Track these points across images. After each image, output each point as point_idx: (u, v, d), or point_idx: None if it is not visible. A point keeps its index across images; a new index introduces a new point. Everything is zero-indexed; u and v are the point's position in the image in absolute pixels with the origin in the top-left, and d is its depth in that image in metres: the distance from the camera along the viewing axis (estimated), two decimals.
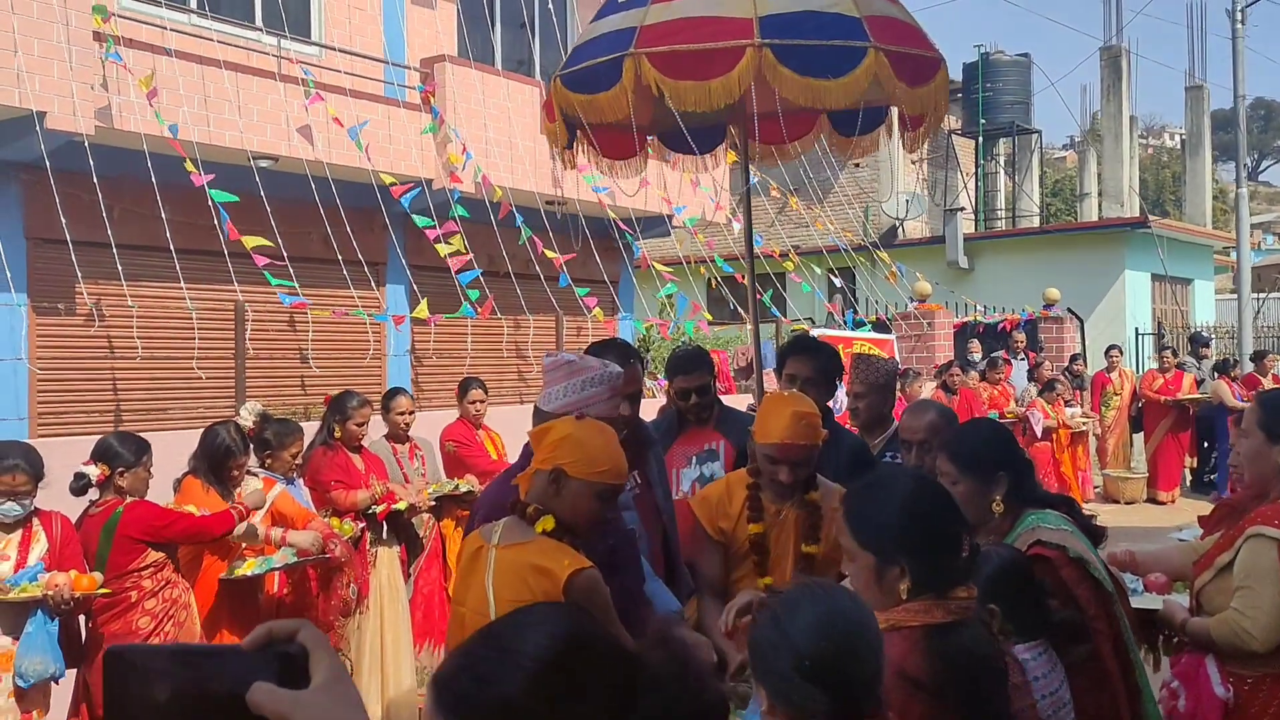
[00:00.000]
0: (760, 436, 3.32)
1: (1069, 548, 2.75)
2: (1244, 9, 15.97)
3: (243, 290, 8.24)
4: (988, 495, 2.86)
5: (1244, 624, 3.07)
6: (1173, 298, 19.50)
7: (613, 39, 4.01)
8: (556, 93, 4.30)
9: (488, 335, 11.09)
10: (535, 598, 2.58)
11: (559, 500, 2.76)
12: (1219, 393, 12.76)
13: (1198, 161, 24.26)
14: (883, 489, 2.45)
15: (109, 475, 4.51)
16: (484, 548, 2.81)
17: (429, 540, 6.29)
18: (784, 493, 3.36)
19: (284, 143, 9.24)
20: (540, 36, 12.52)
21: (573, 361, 3.25)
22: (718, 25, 3.81)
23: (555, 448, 2.77)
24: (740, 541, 3.40)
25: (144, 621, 4.51)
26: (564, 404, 3.13)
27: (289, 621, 1.10)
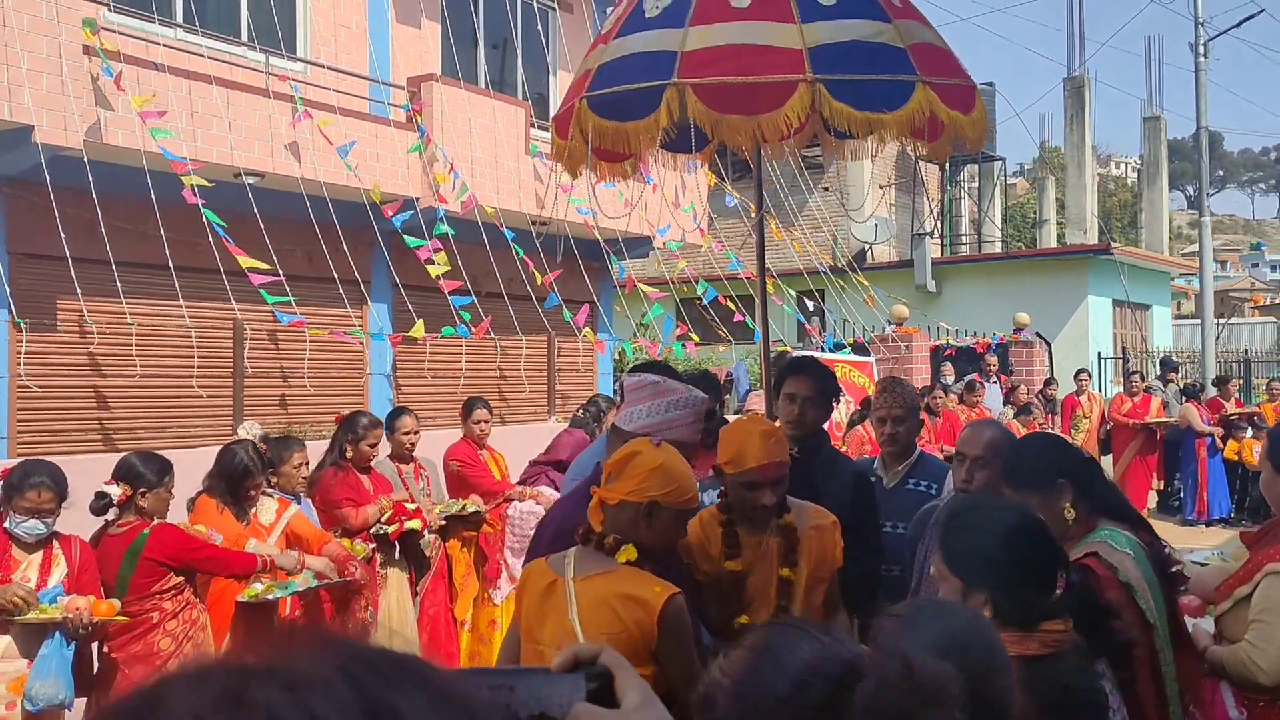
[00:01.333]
0: (735, 465, 3.19)
1: (1120, 570, 2.78)
2: (1205, 43, 16.40)
3: (238, 308, 8.15)
4: (1056, 505, 2.88)
5: (1254, 656, 3.14)
6: (1133, 323, 19.88)
7: (650, 63, 3.79)
8: (581, 114, 4.05)
9: (470, 355, 11.05)
10: (628, 628, 2.57)
11: (649, 531, 2.69)
12: (1187, 416, 13.02)
13: (1155, 190, 24.81)
14: (983, 517, 2.45)
15: (130, 495, 4.43)
16: (558, 581, 2.71)
17: (435, 560, 6.24)
18: (760, 523, 3.26)
19: (271, 159, 9.16)
20: (524, 57, 12.55)
21: (658, 383, 3.20)
22: (766, 56, 3.66)
23: (646, 479, 2.68)
24: (724, 581, 3.31)
25: (165, 643, 4.44)
26: (646, 424, 3.09)
27: (591, 644, 1.09)
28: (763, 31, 3.71)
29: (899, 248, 20.83)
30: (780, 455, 3.19)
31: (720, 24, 3.75)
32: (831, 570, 3.36)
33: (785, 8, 3.69)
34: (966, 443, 3.70)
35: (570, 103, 4.02)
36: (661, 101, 3.71)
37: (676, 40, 3.80)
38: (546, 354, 11.83)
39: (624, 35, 4.00)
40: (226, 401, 8.09)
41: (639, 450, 2.76)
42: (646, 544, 2.70)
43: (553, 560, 2.80)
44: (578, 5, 13.10)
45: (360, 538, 5.65)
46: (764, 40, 3.69)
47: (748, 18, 3.72)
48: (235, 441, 5.17)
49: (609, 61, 4.01)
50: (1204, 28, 16.57)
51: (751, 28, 3.73)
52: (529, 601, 2.79)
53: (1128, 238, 33.30)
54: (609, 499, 2.73)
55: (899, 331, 13.69)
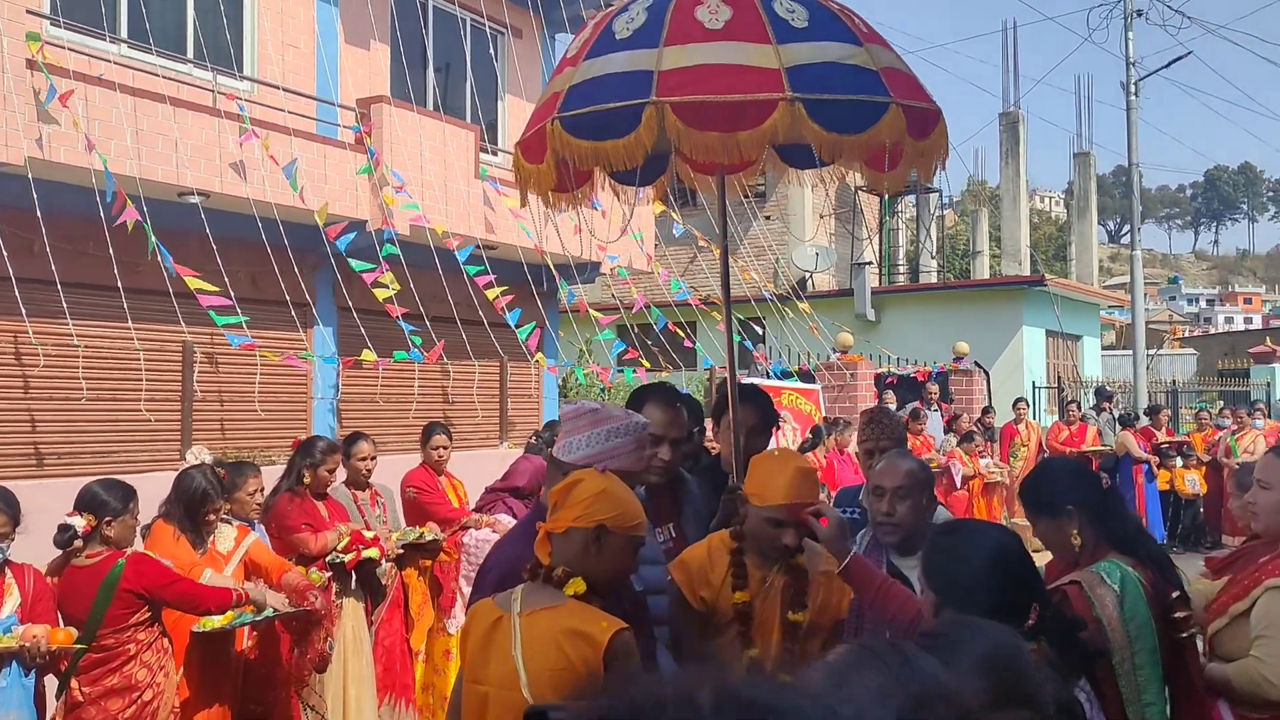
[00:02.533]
0: (762, 499, 3.16)
1: (1097, 605, 2.82)
2: (1136, 82, 16.89)
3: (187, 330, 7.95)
4: (1064, 531, 2.92)
5: (1264, 672, 3.17)
6: (1065, 353, 20.31)
7: (626, 82, 3.71)
8: (554, 135, 3.92)
9: (419, 380, 10.91)
10: (573, 665, 2.48)
11: (598, 559, 2.62)
12: (1126, 444, 13.29)
13: (1085, 223, 25.45)
14: (966, 542, 2.48)
15: (96, 526, 4.28)
16: (504, 617, 2.62)
17: (391, 589, 6.10)
18: (770, 557, 3.22)
19: (219, 179, 8.99)
20: (473, 81, 12.50)
21: (596, 410, 3.10)
22: (744, 75, 3.61)
23: (592, 504, 2.62)
24: (724, 610, 3.23)
25: (142, 674, 4.36)
26: (586, 455, 2.98)
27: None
28: (740, 51, 3.67)
29: (838, 276, 21.07)
30: (810, 496, 3.16)
31: (696, 44, 3.69)
32: (833, 620, 3.31)
33: (760, 29, 3.66)
34: (884, 475, 3.60)
35: (539, 125, 3.90)
36: (641, 120, 3.65)
37: (652, 60, 3.74)
38: (499, 379, 11.71)
39: (594, 57, 3.91)
40: (174, 426, 7.86)
41: (580, 477, 2.70)
42: (596, 574, 2.63)
43: (499, 598, 2.70)
44: (528, 31, 13.10)
45: (316, 566, 5.51)
46: (741, 60, 3.66)
47: (723, 38, 3.68)
48: (193, 466, 5.02)
49: (580, 83, 3.90)
50: (1135, 68, 17.10)
51: (728, 48, 3.69)
52: (473, 642, 2.69)
53: (1053, 270, 34.10)
54: (555, 529, 2.66)
55: (844, 359, 13.82)
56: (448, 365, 10.36)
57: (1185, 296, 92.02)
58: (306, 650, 5.01)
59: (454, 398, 11.46)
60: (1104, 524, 2.98)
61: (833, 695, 1.09)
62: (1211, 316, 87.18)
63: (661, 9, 3.74)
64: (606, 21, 3.91)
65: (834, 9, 3.77)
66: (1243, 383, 20.75)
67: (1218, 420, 14.95)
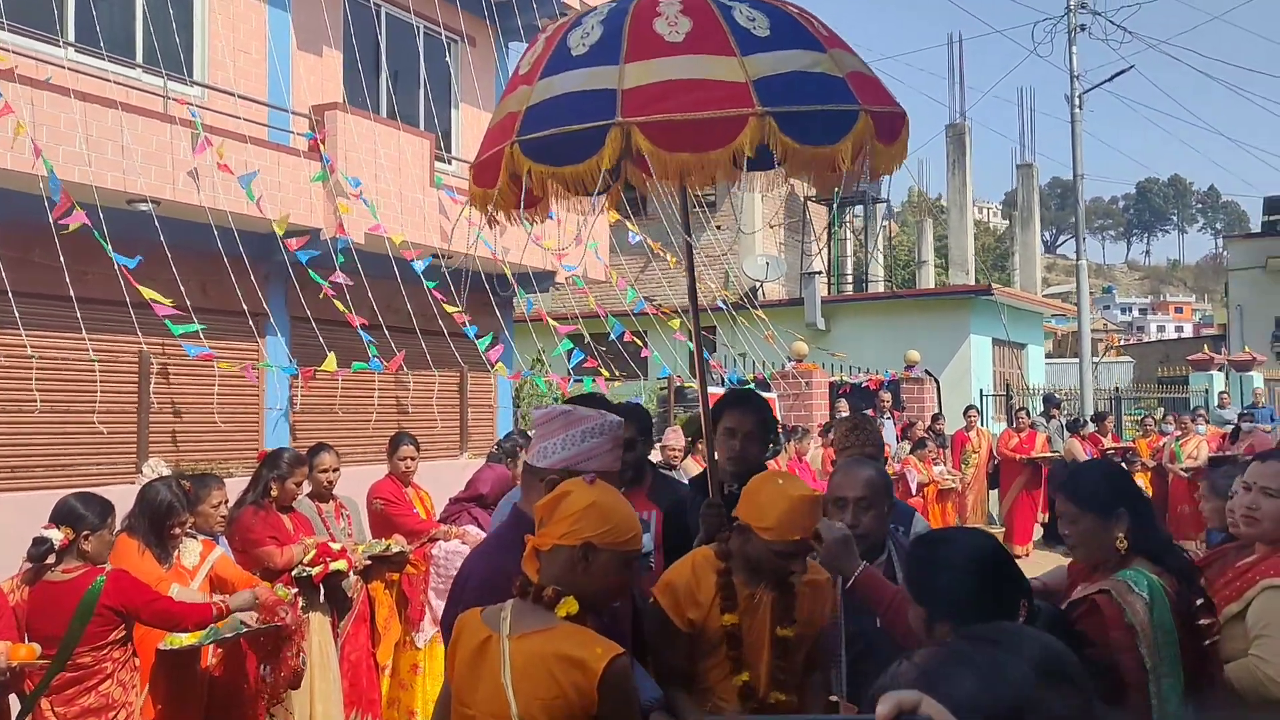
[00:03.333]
0: (771, 534, 3.02)
1: (1128, 611, 2.81)
2: (1080, 95, 17.22)
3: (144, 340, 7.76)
4: (1110, 532, 2.90)
5: (1268, 670, 3.19)
6: (1012, 361, 20.61)
7: (587, 102, 3.52)
8: (513, 159, 3.68)
9: (368, 391, 10.78)
10: (565, 692, 2.38)
11: (586, 577, 2.50)
12: (1073, 450, 13.50)
13: (1029, 234, 25.91)
14: (946, 549, 2.48)
15: (73, 539, 4.15)
16: (493, 638, 2.49)
17: (356, 603, 5.99)
18: (757, 576, 3.14)
19: (171, 186, 8.81)
20: (426, 90, 12.40)
21: (569, 412, 2.96)
22: (711, 90, 3.44)
23: (579, 519, 2.49)
24: (713, 631, 3.13)
25: (118, 692, 4.25)
26: (564, 457, 2.86)
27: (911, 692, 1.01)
28: (704, 65, 3.51)
29: (788, 286, 21.20)
30: (816, 522, 3.08)
31: (658, 59, 3.52)
32: (817, 628, 3.26)
33: (722, 40, 3.52)
34: (843, 485, 3.52)
35: (496, 148, 3.69)
36: (605, 141, 3.46)
37: (613, 78, 3.56)
38: (458, 389, 11.60)
39: (551, 75, 3.72)
40: (130, 438, 7.67)
41: (569, 490, 2.57)
42: (586, 592, 2.51)
43: (487, 614, 2.56)
44: (482, 39, 13.03)
45: (282, 580, 5.39)
46: (706, 74, 3.49)
47: (684, 52, 3.53)
48: (157, 478, 4.89)
49: (538, 104, 3.71)
50: (1079, 81, 17.45)
51: (691, 62, 3.52)
52: (461, 659, 2.55)
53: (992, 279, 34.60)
54: (541, 545, 2.53)
55: (799, 368, 13.89)
56: (408, 375, 10.24)
57: (1119, 306, 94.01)
58: (279, 668, 4.88)
59: (412, 408, 11.33)
60: (1141, 531, 2.96)
61: None
62: (1144, 325, 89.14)
63: (617, 23, 3.58)
64: (560, 36, 3.73)
65: (793, 14, 3.64)
66: (1182, 389, 21.21)
67: (1161, 426, 15.24)
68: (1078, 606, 2.86)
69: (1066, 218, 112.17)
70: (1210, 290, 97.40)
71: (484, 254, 11.23)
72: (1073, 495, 2.98)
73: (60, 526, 4.14)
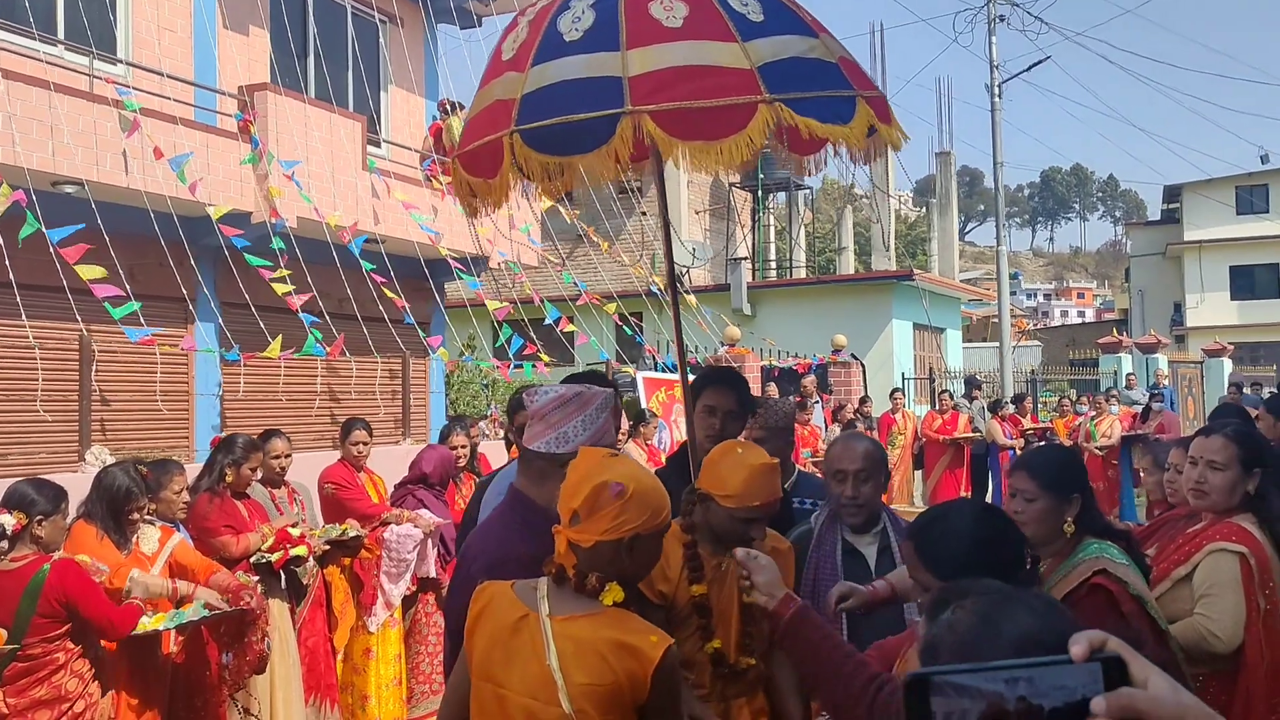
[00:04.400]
0: (732, 501, 3.06)
1: (1130, 584, 2.92)
2: (1000, 85, 17.64)
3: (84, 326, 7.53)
4: (1061, 515, 3.01)
5: (1210, 627, 3.39)
6: (932, 345, 21.07)
7: (592, 90, 3.42)
8: (516, 149, 3.55)
9: (303, 377, 10.63)
10: (618, 679, 2.31)
11: (631, 564, 2.44)
12: (993, 432, 13.87)
13: (946, 220, 26.48)
14: (951, 521, 2.56)
15: (25, 525, 4.04)
16: (530, 617, 2.40)
17: (313, 589, 5.94)
18: (722, 545, 3.15)
19: (94, 167, 8.56)
20: (355, 70, 12.22)
21: (579, 394, 2.90)
22: (718, 77, 3.38)
23: (622, 512, 2.39)
24: (683, 603, 3.14)
25: (73, 684, 4.11)
26: (586, 438, 2.82)
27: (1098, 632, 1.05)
28: (707, 51, 3.45)
29: (714, 272, 21.37)
30: (778, 491, 3.12)
31: (658, 45, 3.44)
32: None
33: (721, 25, 3.45)
34: (844, 458, 3.61)
35: (488, 137, 3.56)
36: (616, 130, 3.37)
37: (616, 65, 3.46)
38: (400, 374, 11.48)
39: (545, 62, 3.59)
40: (72, 425, 7.45)
41: (605, 480, 2.42)
42: (628, 575, 2.47)
43: (521, 589, 2.46)
44: (412, 21, 12.88)
45: (241, 567, 5.32)
46: (711, 60, 3.43)
47: (685, 37, 3.45)
48: (114, 463, 4.78)
49: (535, 91, 3.58)
50: (999, 71, 17.88)
51: (694, 48, 3.46)
52: (491, 634, 2.43)
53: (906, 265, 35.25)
54: (582, 542, 2.41)
55: (731, 352, 14.03)
56: (350, 361, 10.11)
57: (1025, 291, 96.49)
58: (244, 652, 4.82)
59: (351, 393, 11.18)
60: (1088, 514, 3.07)
61: None
62: (1049, 310, 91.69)
63: (611, 7, 3.50)
64: (546, 20, 3.59)
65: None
66: (1092, 371, 21.91)
67: (1077, 407, 15.75)
68: (1073, 595, 2.92)
69: (974, 205, 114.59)
70: (1110, 276, 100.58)
71: (419, 238, 11.16)
72: (1035, 474, 3.07)
73: (12, 511, 4.02)
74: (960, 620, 1.47)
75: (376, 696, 6.39)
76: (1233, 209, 37.97)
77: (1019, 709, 0.98)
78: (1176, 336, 35.75)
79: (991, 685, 1.00)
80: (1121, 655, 1.01)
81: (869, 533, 3.54)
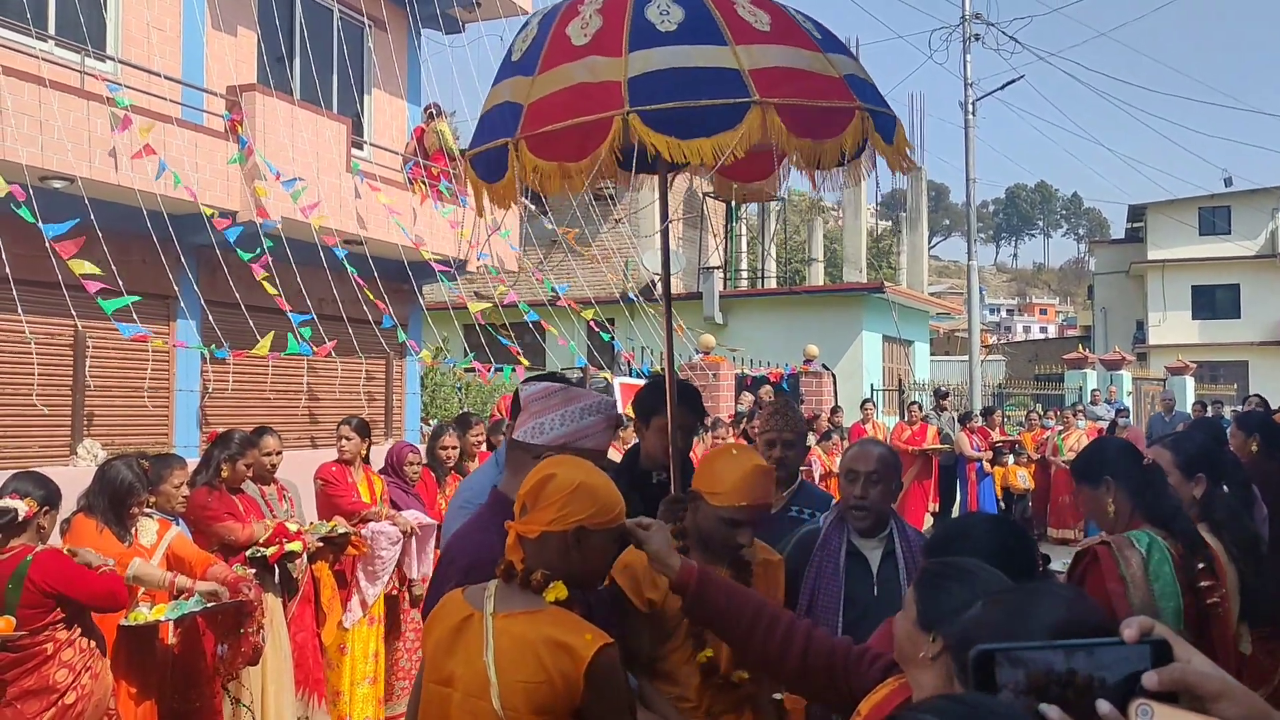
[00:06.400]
0: (720, 499, 3.04)
1: (1123, 564, 3.10)
2: (974, 102, 17.96)
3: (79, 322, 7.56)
4: (1101, 500, 3.22)
5: None
6: (901, 357, 21.36)
7: (712, 79, 3.41)
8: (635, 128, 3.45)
9: (281, 375, 10.69)
10: (551, 678, 2.27)
11: (580, 561, 2.40)
12: (961, 444, 14.13)
13: (916, 234, 26.82)
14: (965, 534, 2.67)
15: (36, 512, 4.12)
16: (475, 615, 2.38)
17: (302, 584, 6.02)
18: (718, 554, 3.12)
19: (85, 164, 8.59)
20: (340, 74, 12.29)
21: (567, 389, 2.90)
22: (816, 81, 3.40)
23: (567, 503, 2.37)
24: (673, 612, 3.02)
25: (62, 675, 4.14)
26: (561, 434, 2.79)
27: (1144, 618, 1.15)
28: (801, 57, 3.48)
29: (686, 281, 21.55)
30: (769, 495, 3.13)
31: (760, 45, 3.45)
32: None
33: (804, 35, 3.50)
34: (858, 459, 3.64)
35: (593, 116, 3.41)
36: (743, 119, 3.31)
37: (728, 58, 3.47)
38: (384, 375, 11.55)
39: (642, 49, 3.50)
40: (64, 419, 7.48)
41: (552, 472, 2.42)
42: (577, 574, 2.41)
43: (470, 593, 2.45)
44: (396, 24, 12.97)
45: (236, 561, 5.41)
46: (806, 66, 3.45)
47: (778, 41, 3.47)
48: (116, 457, 4.87)
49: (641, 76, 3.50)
50: (973, 89, 18.21)
51: (789, 52, 3.48)
52: (438, 636, 2.44)
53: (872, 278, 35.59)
54: (528, 533, 2.39)
55: (706, 360, 14.20)
56: (337, 361, 10.18)
57: (988, 306, 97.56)
58: (239, 644, 4.91)
59: (327, 393, 11.24)
60: (1141, 498, 3.22)
61: None
62: (1011, 326, 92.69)
63: (695, 4, 3.47)
64: (628, 9, 3.51)
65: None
66: (1058, 386, 22.27)
67: (1044, 421, 16.05)
68: (1083, 556, 3.14)
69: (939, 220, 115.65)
70: (1073, 293, 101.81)
71: (401, 240, 11.24)
72: (1074, 470, 3.30)
73: (24, 498, 4.09)
74: (987, 614, 1.58)
75: (349, 693, 6.42)
76: (1195, 230, 38.66)
77: (1076, 680, 1.10)
78: (1138, 354, 36.33)
79: (1051, 657, 1.12)
80: (1167, 639, 1.12)
81: (875, 537, 3.55)
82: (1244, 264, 38.03)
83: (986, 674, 1.13)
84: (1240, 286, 38.30)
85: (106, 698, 4.38)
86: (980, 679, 1.13)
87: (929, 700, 1.04)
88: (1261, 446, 5.82)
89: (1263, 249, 37.92)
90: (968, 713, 0.99)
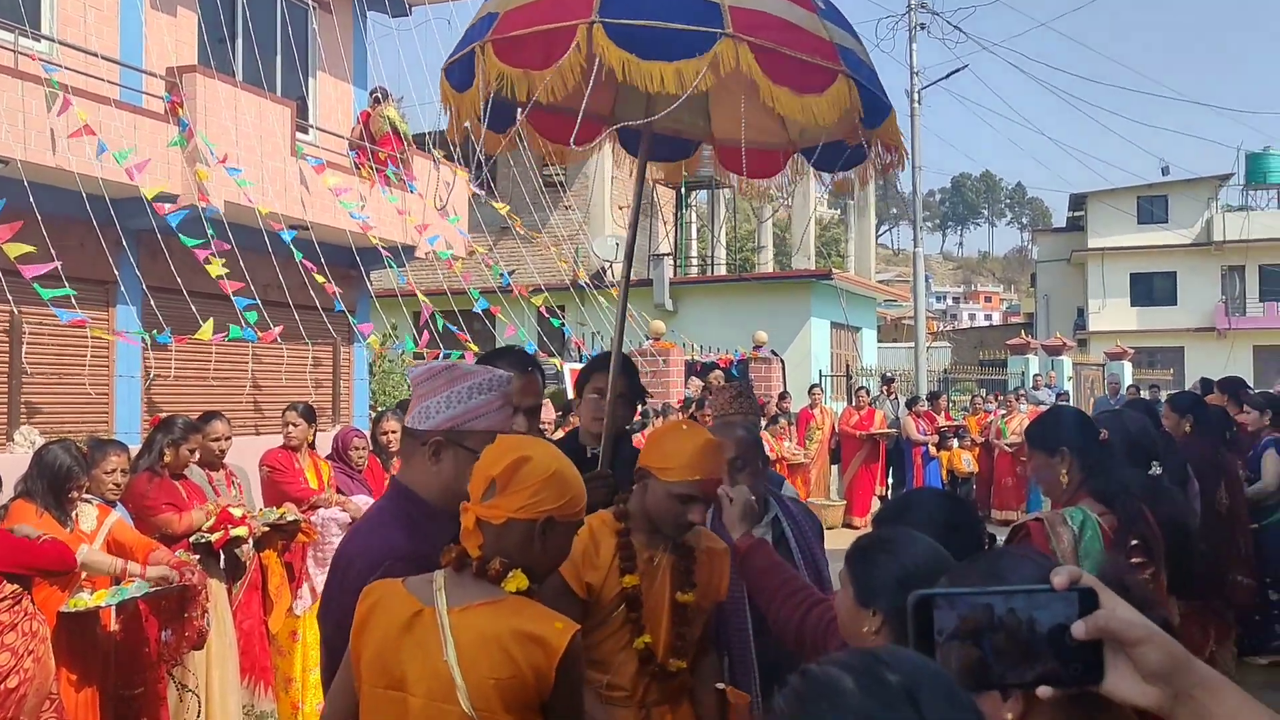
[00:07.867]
0: (671, 474, 2.92)
1: (1053, 539, 3.16)
2: (920, 91, 18.16)
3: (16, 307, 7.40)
4: (1054, 469, 3.25)
5: None
6: (849, 343, 21.55)
7: (688, 5, 3.30)
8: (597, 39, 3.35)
9: (227, 361, 10.55)
10: (521, 672, 2.13)
11: (542, 552, 2.25)
12: (908, 428, 14.30)
13: (864, 222, 27.06)
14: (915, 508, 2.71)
15: None
16: (425, 611, 2.18)
17: (249, 571, 5.96)
18: (663, 536, 3.03)
19: (20, 146, 8.40)
20: (284, 56, 12.13)
21: (452, 368, 2.62)
22: (804, 37, 3.33)
23: (540, 490, 2.21)
24: (610, 595, 2.96)
25: (4, 658, 4.07)
26: (448, 417, 2.55)
27: (1072, 567, 1.18)
28: (795, 12, 3.41)
29: (636, 267, 21.54)
30: (720, 471, 3.04)
31: None
32: (714, 601, 3.17)
33: None
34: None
35: (558, 24, 3.33)
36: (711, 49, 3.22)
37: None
38: (332, 361, 11.43)
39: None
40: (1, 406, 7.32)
41: (528, 455, 2.24)
42: (537, 566, 2.27)
43: (413, 585, 2.24)
44: (341, 6, 12.81)
45: (180, 547, 5.34)
46: (798, 20, 3.38)
47: None
48: (54, 441, 4.78)
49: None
50: (919, 77, 18.42)
51: (783, 4, 3.42)
52: (382, 635, 2.21)
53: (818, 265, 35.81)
54: (492, 518, 2.21)
55: (657, 346, 14.23)
56: (283, 347, 10.06)
57: (934, 294, 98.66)
58: (183, 629, 4.86)
59: (280, 377, 11.11)
60: (1088, 473, 3.27)
61: None
62: (957, 313, 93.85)
63: None
64: None
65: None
66: (1001, 371, 22.63)
67: (987, 405, 16.29)
68: (1018, 530, 3.20)
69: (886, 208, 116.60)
70: (1016, 281, 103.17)
71: (348, 225, 11.13)
72: (1028, 435, 3.37)
73: None
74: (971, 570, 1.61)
75: (301, 680, 6.37)
76: (1134, 218, 39.37)
77: (1008, 620, 1.13)
78: (1079, 340, 36.96)
79: (991, 599, 1.15)
80: (1094, 588, 1.16)
81: (761, 524, 3.41)
82: (1180, 252, 38.83)
83: (925, 619, 1.15)
84: (1177, 274, 39.11)
85: (49, 682, 4.32)
86: (919, 624, 1.15)
87: (837, 654, 1.06)
88: (1194, 426, 6.02)
89: (1198, 237, 38.73)
90: (872, 661, 1.01)
